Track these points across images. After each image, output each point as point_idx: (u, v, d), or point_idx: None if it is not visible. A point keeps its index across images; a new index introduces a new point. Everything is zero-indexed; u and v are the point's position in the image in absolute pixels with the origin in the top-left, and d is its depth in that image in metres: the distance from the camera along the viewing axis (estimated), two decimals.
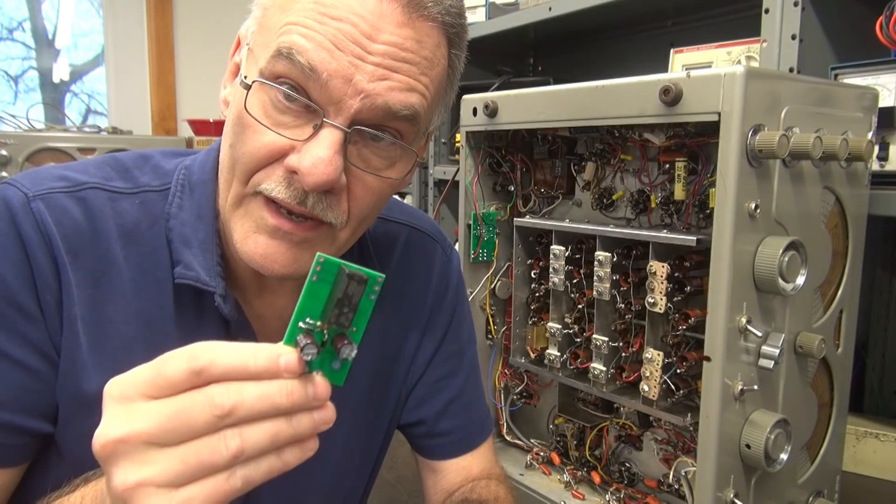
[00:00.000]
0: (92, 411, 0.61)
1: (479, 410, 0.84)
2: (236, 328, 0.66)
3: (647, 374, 0.87)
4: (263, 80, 0.57)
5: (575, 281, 1.00)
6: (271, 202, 0.59)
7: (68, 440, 0.62)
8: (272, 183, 0.58)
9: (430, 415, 0.80)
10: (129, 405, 0.42)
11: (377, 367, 0.76)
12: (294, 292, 0.71)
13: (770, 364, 0.76)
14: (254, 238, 0.60)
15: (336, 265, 0.43)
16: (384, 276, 0.44)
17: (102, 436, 0.42)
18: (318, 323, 0.44)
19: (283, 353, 0.42)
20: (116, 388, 0.43)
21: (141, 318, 0.63)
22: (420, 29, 0.57)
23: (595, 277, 0.93)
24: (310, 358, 0.43)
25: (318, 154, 0.55)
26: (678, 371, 0.87)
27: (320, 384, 0.44)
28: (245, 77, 0.59)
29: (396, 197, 0.81)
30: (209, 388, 0.41)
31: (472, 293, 1.13)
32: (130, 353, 0.62)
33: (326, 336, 0.44)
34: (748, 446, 0.76)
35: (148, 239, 0.65)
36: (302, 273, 0.61)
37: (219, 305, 0.63)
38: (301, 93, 0.56)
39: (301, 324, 0.44)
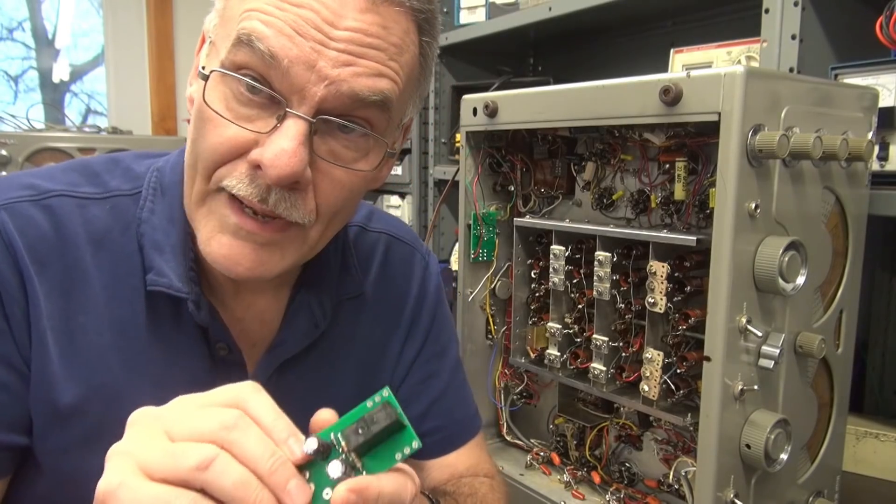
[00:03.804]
0: (67, 423, 0.59)
1: (463, 410, 0.83)
2: (214, 334, 0.64)
3: (647, 374, 0.87)
4: (223, 70, 0.55)
5: (575, 281, 1.00)
6: (235, 200, 0.57)
7: (44, 453, 0.61)
8: (234, 179, 0.56)
9: (412, 416, 0.79)
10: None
11: (360, 375, 0.75)
12: (273, 292, 0.69)
13: (770, 364, 0.76)
14: (217, 239, 0.58)
15: (396, 411, 0.44)
16: (420, 446, 0.44)
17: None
18: (344, 445, 0.44)
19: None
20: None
21: (114, 327, 0.61)
22: (386, 14, 0.55)
23: (595, 277, 0.93)
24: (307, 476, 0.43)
25: (282, 145, 0.53)
26: (678, 371, 0.87)
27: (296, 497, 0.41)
28: (203, 68, 0.57)
29: (376, 206, 0.81)
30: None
31: (472, 293, 1.13)
32: (105, 363, 0.61)
33: (342, 456, 0.44)
34: (748, 446, 0.76)
35: (120, 245, 0.63)
36: (268, 275, 0.59)
37: (192, 312, 0.61)
38: (264, 83, 0.54)
39: (332, 435, 0.44)
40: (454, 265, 1.75)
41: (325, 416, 0.47)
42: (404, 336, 0.79)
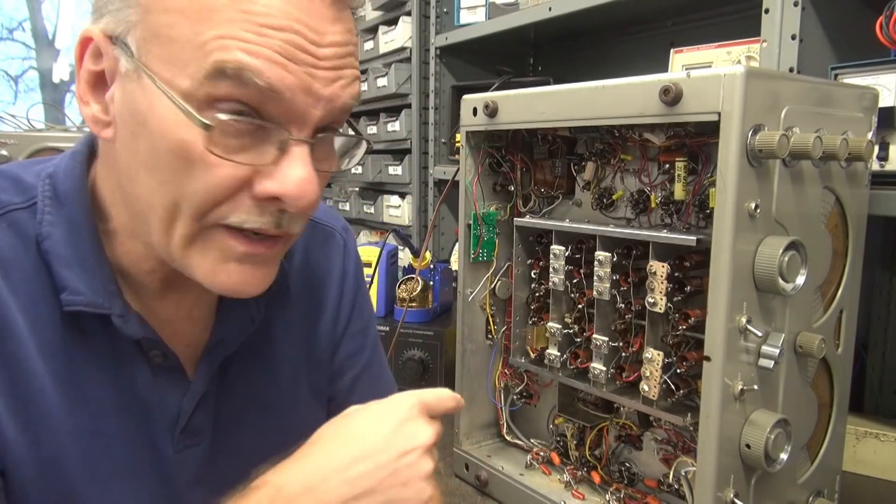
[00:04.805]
0: (19, 458, 0.55)
1: (385, 383, 0.86)
2: (146, 343, 0.61)
3: (647, 374, 0.88)
4: (235, 117, 0.51)
5: (575, 281, 1.00)
6: (235, 230, 0.54)
7: (9, 490, 0.57)
8: (242, 214, 0.53)
9: (340, 391, 0.81)
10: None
11: (299, 362, 0.76)
12: (200, 288, 0.64)
13: (770, 364, 0.76)
14: (224, 269, 0.55)
15: None
16: None
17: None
18: None
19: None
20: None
21: (43, 352, 0.57)
22: (346, 19, 0.55)
23: (595, 277, 0.93)
24: None
25: (300, 175, 0.52)
26: (678, 371, 0.87)
27: None
28: (188, 105, 0.50)
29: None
30: None
31: (472, 293, 1.14)
32: (44, 392, 0.57)
33: None
34: (748, 446, 0.77)
35: (27, 265, 0.58)
36: (266, 287, 0.59)
37: (119, 327, 0.59)
38: (256, 114, 0.51)
39: None
40: (454, 265, 1.75)
41: None
42: (334, 314, 0.80)
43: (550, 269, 1.02)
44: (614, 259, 0.92)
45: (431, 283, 1.64)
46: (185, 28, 0.50)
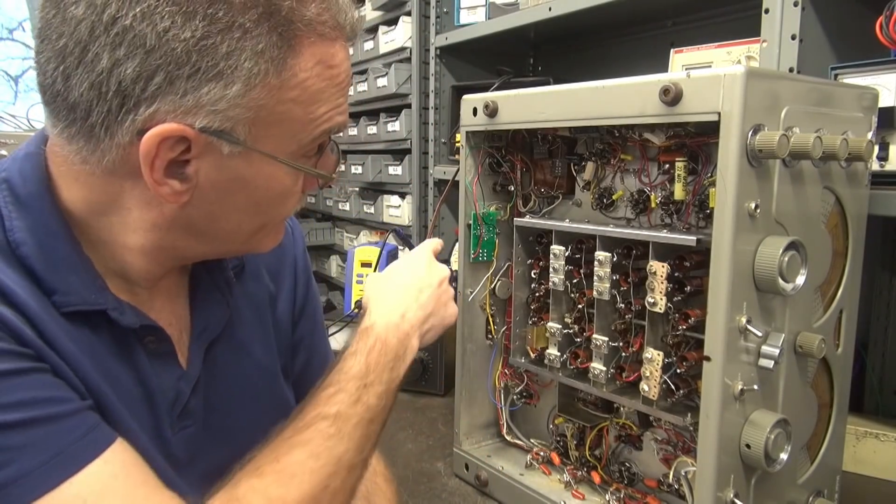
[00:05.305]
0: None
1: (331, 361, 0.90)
2: (143, 332, 0.63)
3: (647, 374, 0.88)
4: (329, 176, 0.66)
5: (575, 281, 1.00)
6: None
7: None
8: (298, 205, 0.67)
9: (297, 369, 0.84)
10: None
11: (268, 340, 0.79)
12: (177, 275, 0.69)
13: (770, 364, 0.76)
14: (280, 235, 0.70)
15: None
16: None
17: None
18: None
19: None
20: None
21: (80, 349, 0.58)
22: None
23: (595, 277, 0.93)
24: None
25: (339, 167, 0.65)
26: (678, 371, 0.87)
27: None
28: (297, 161, 0.61)
29: None
30: None
31: (472, 293, 1.14)
32: (88, 379, 0.58)
33: None
34: (748, 446, 0.77)
35: (12, 270, 0.57)
36: None
37: (116, 319, 0.60)
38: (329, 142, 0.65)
39: None
40: (454, 265, 1.75)
41: None
42: (291, 298, 0.83)
43: (550, 269, 1.02)
44: (614, 259, 0.92)
45: None
46: (298, 111, 0.58)
